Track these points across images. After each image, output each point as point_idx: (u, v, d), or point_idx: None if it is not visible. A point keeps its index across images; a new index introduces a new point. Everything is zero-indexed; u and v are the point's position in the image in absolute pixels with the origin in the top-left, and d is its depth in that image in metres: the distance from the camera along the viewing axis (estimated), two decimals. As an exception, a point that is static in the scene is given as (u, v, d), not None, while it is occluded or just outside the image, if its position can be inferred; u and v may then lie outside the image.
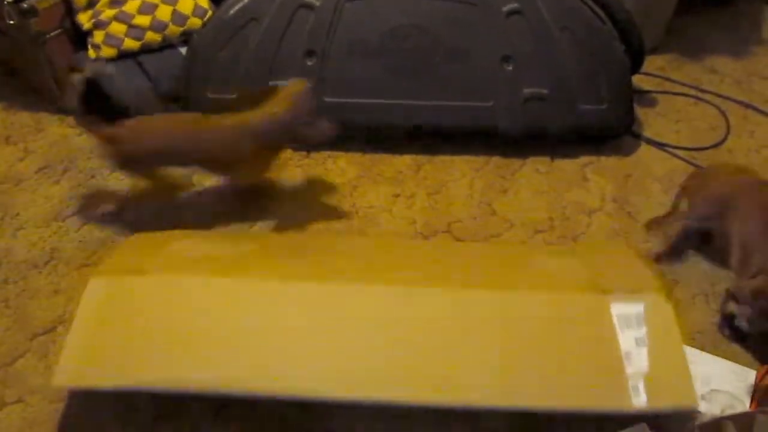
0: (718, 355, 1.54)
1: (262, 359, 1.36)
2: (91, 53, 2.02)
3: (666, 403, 1.32)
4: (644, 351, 1.37)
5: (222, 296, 1.46)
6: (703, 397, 1.46)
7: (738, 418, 1.36)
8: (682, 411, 1.36)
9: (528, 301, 1.46)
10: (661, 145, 2.08)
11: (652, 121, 2.18)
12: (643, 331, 1.40)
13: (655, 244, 1.76)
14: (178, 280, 1.49)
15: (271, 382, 1.33)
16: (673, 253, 1.73)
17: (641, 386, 1.32)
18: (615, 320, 1.42)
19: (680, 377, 1.35)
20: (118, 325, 1.41)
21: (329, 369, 1.35)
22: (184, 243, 1.65)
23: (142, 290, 1.47)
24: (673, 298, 1.49)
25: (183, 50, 2.07)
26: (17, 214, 1.85)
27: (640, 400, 1.31)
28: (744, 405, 1.44)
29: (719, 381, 1.49)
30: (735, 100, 2.27)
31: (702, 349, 1.55)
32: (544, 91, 1.96)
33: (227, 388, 1.33)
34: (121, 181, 1.93)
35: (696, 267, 1.73)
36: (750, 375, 1.50)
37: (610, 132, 2.05)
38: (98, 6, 2.01)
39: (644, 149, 2.07)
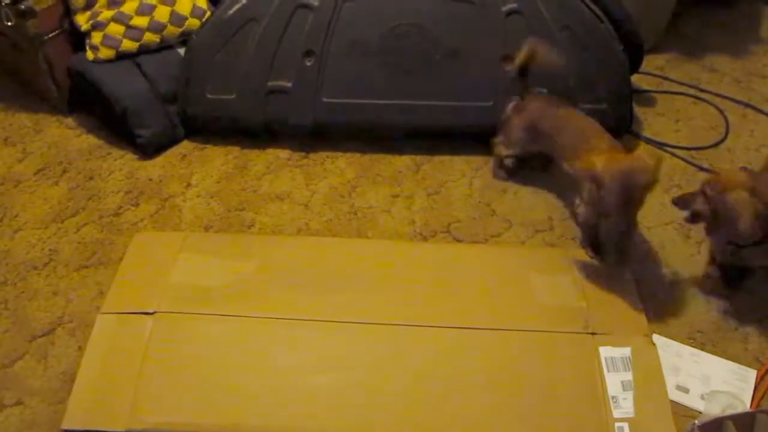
0: (718, 354, 1.54)
1: (266, 401, 1.43)
2: (89, 54, 2.01)
3: None
4: (630, 395, 1.44)
5: (227, 337, 1.53)
6: (703, 397, 1.46)
7: (738, 418, 1.37)
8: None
9: (520, 342, 1.53)
10: (660, 145, 2.08)
11: (651, 121, 2.17)
12: (629, 375, 1.47)
13: None
14: (184, 321, 1.56)
15: (278, 425, 1.40)
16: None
17: (627, 430, 1.39)
18: (603, 363, 1.49)
19: (664, 421, 1.41)
20: (126, 366, 1.47)
21: (325, 411, 1.42)
22: (188, 264, 1.68)
23: (150, 330, 1.53)
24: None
25: (181, 51, 2.07)
26: (16, 215, 1.85)
27: None
28: (744, 405, 1.44)
29: (719, 381, 1.50)
30: (734, 100, 2.26)
31: (702, 348, 1.55)
32: (544, 91, 1.95)
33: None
34: (119, 182, 1.93)
35: (696, 266, 1.73)
36: (750, 375, 1.50)
37: (609, 131, 2.03)
38: (96, 7, 2.00)
39: (644, 149, 2.06)
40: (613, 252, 1.69)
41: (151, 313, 1.56)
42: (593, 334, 1.54)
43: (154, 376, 1.46)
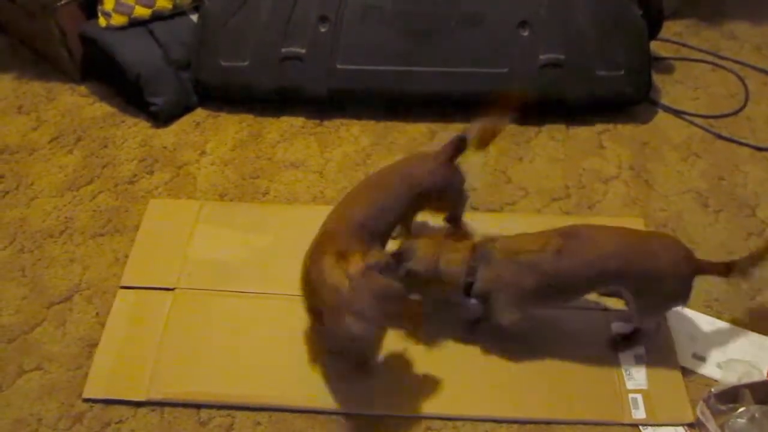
0: (735, 323, 1.53)
1: (281, 375, 1.45)
2: (102, 21, 2.00)
3: (663, 417, 1.39)
4: (643, 368, 1.46)
5: (245, 313, 1.55)
6: (719, 366, 1.46)
7: (755, 386, 1.37)
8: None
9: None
10: (678, 113, 2.05)
11: (669, 88, 2.14)
12: (641, 349, 1.48)
13: None
14: (203, 297, 1.58)
15: (293, 398, 1.42)
16: None
17: (640, 401, 1.41)
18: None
19: (677, 393, 1.43)
20: (147, 340, 1.50)
21: (340, 386, 1.44)
22: (205, 237, 1.69)
23: (169, 306, 1.56)
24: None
25: (194, 17, 2.05)
26: (31, 184, 1.85)
27: (639, 413, 1.40)
28: (761, 373, 1.43)
29: (737, 350, 1.49)
30: (754, 67, 2.22)
31: (719, 317, 1.54)
32: (561, 57, 1.92)
33: (246, 402, 1.42)
34: (133, 150, 1.93)
35: (714, 235, 1.72)
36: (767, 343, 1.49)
37: (627, 99, 2.01)
38: (108, -27, 1.98)
39: (661, 117, 2.04)
40: None
41: (171, 289, 1.58)
42: (605, 310, 1.55)
43: (174, 349, 1.49)
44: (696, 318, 1.54)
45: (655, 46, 2.19)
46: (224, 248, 1.67)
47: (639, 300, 1.40)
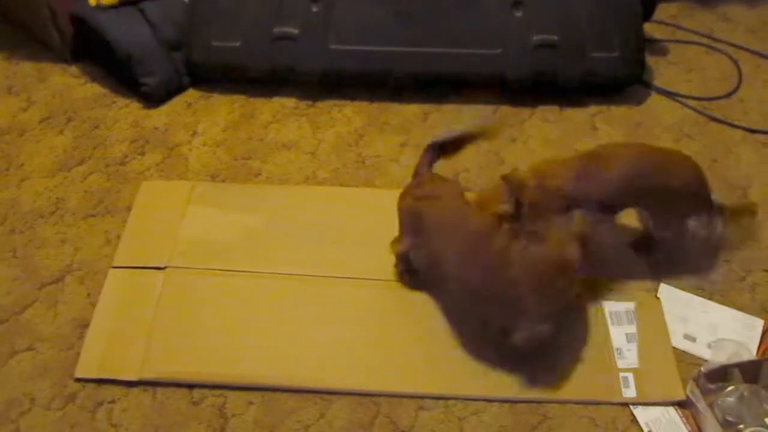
0: (725, 304, 1.54)
1: (273, 353, 1.45)
2: (92, 0, 1.98)
3: (654, 396, 1.40)
4: (634, 346, 1.46)
5: (236, 292, 1.55)
6: (710, 346, 1.47)
7: (744, 366, 1.38)
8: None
9: None
10: (671, 95, 2.05)
11: (663, 71, 2.14)
12: (633, 328, 1.49)
13: None
14: (195, 276, 1.57)
15: (284, 376, 1.42)
16: None
17: (631, 379, 1.42)
18: (608, 317, 1.52)
19: (668, 372, 1.43)
20: (139, 319, 1.50)
21: (332, 363, 1.44)
22: (197, 217, 1.69)
23: (161, 285, 1.55)
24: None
25: (185, -3, 2.03)
26: (22, 165, 1.84)
27: (629, 391, 1.40)
28: (751, 353, 1.44)
29: (727, 330, 1.50)
30: (748, 50, 2.22)
31: (710, 298, 1.55)
32: (555, 38, 1.92)
33: (239, 382, 1.42)
34: (125, 131, 1.92)
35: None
36: (757, 323, 1.51)
37: (620, 80, 2.01)
38: (98, -49, 1.96)
39: (654, 99, 2.04)
40: None
41: (162, 268, 1.58)
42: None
43: (166, 328, 1.48)
44: (687, 299, 1.55)
45: (649, 28, 2.19)
46: (216, 228, 1.66)
47: (655, 216, 1.51)
